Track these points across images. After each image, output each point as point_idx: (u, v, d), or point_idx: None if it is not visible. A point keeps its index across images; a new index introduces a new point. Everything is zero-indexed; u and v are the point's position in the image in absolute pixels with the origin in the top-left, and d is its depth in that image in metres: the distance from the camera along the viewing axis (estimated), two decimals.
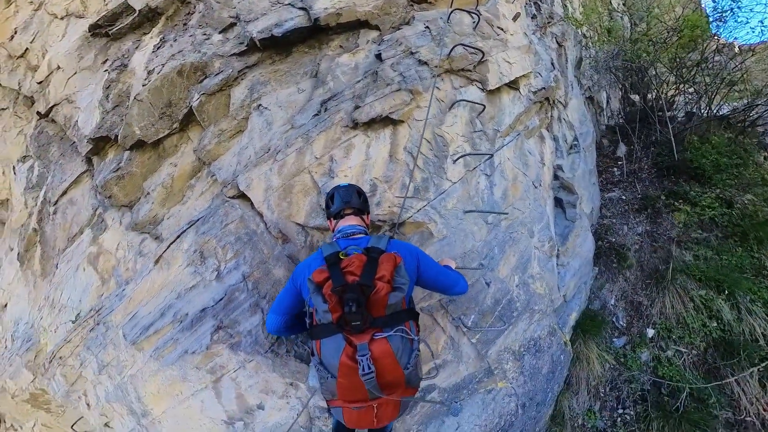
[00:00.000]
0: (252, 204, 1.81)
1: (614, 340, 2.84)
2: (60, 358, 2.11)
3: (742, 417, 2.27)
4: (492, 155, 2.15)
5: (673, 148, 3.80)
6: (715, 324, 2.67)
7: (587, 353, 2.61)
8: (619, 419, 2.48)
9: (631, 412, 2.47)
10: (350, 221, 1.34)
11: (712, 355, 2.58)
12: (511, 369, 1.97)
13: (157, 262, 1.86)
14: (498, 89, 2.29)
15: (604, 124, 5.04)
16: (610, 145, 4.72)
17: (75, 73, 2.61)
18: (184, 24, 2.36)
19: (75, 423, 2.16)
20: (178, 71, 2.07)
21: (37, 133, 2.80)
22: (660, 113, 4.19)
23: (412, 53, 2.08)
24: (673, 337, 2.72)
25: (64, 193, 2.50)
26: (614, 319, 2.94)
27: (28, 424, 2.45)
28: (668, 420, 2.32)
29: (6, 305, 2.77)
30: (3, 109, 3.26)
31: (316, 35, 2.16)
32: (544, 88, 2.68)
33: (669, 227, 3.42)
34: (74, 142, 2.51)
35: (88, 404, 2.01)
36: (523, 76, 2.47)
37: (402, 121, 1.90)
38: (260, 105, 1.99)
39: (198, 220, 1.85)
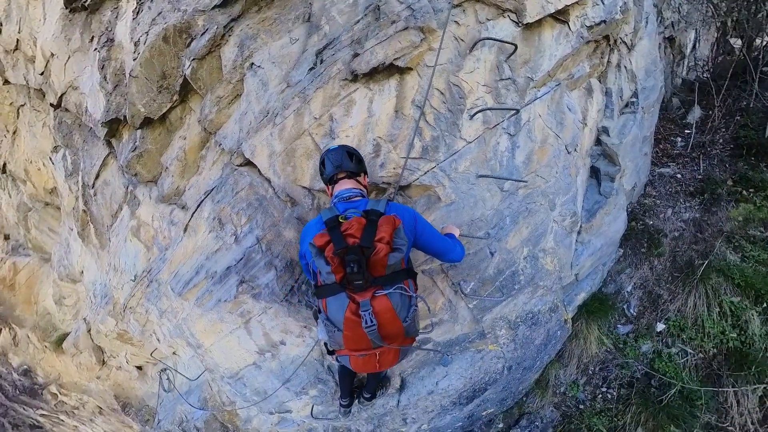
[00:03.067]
0: (259, 170, 1.49)
1: (619, 326, 2.26)
2: (131, 308, 2.01)
3: (725, 425, 1.84)
4: (518, 111, 1.46)
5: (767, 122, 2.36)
6: (735, 335, 2.00)
7: (587, 333, 2.15)
8: (600, 396, 2.10)
9: (614, 393, 2.08)
10: (345, 185, 1.12)
11: (719, 362, 2.00)
12: (504, 336, 1.70)
13: (185, 230, 1.62)
14: (539, 23, 1.46)
15: (680, 76, 3.09)
16: (680, 107, 2.96)
17: (69, 57, 2.03)
18: None
19: (153, 352, 2.15)
20: (164, 38, 1.54)
21: (58, 124, 2.32)
22: (767, 69, 2.55)
23: None
24: (683, 337, 2.09)
25: (97, 176, 2.15)
26: (625, 306, 2.29)
27: (121, 354, 2.49)
28: (647, 408, 1.94)
29: (82, 272, 2.62)
30: (21, 105, 2.68)
31: None
32: (604, 21, 1.63)
33: (724, 219, 2.37)
34: (91, 128, 2.07)
35: (158, 339, 1.97)
36: (577, 3, 1.53)
37: (410, 69, 1.32)
38: (253, 63, 1.47)
39: (212, 189, 1.55)
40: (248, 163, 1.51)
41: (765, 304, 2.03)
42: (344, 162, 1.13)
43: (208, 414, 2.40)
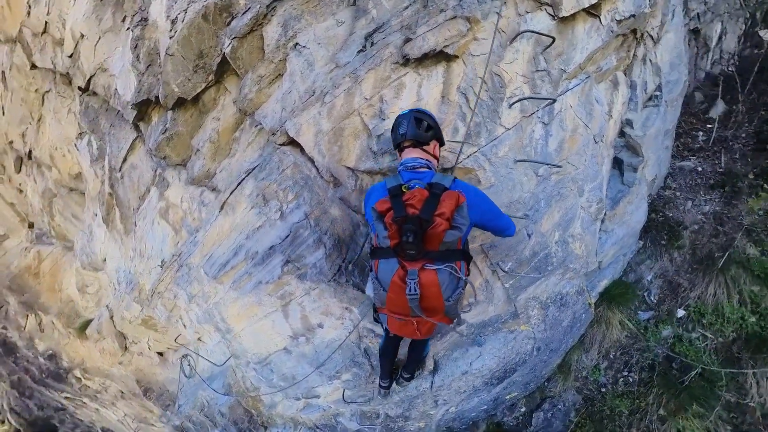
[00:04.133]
0: (302, 150, 1.33)
1: (640, 312, 2.15)
2: (158, 293, 1.82)
3: (745, 402, 1.77)
4: (554, 101, 1.42)
5: None
6: (754, 319, 1.92)
7: (609, 317, 2.04)
8: (621, 380, 2.00)
9: (635, 377, 1.98)
10: (411, 153, 1.02)
11: (739, 346, 1.91)
12: (535, 316, 1.65)
13: (222, 208, 1.44)
14: (572, 16, 1.41)
15: (704, 70, 2.76)
16: (703, 101, 2.71)
17: (99, 38, 1.84)
18: None
19: (177, 337, 1.97)
20: (203, 15, 1.37)
21: (84, 109, 2.11)
22: None
23: None
24: (704, 322, 2.00)
25: (125, 160, 1.95)
26: (645, 294, 2.19)
27: (143, 340, 2.30)
28: (669, 389, 1.86)
29: (105, 259, 2.41)
30: (47, 91, 2.45)
31: None
32: (633, 15, 1.57)
33: (744, 213, 2.23)
34: (119, 111, 1.88)
35: (184, 325, 1.79)
36: None
37: (456, 57, 1.28)
38: (297, 44, 1.34)
39: (254, 168, 1.38)
40: (290, 142, 1.35)
41: None
42: (409, 129, 1.00)
43: (233, 400, 2.21)
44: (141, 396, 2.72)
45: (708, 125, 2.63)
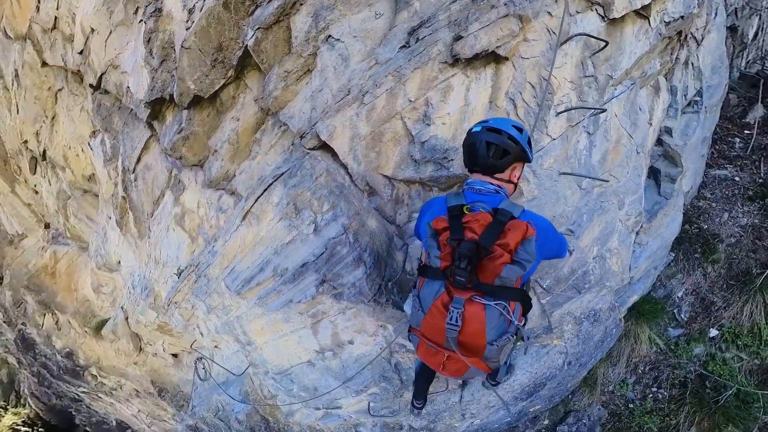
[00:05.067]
0: (333, 155, 1.12)
1: (669, 329, 1.95)
2: (175, 302, 1.61)
3: None
4: (604, 110, 1.24)
5: None
6: None
7: (637, 332, 1.87)
8: (650, 396, 1.83)
9: (666, 393, 1.81)
10: (480, 177, 0.83)
11: None
12: (569, 331, 1.49)
13: (244, 218, 1.23)
14: (622, 18, 1.22)
15: (739, 69, 2.42)
16: (738, 104, 2.40)
17: (110, 32, 1.60)
18: None
19: (192, 343, 1.78)
20: (224, 4, 1.15)
21: (97, 107, 1.88)
22: None
23: None
24: (739, 343, 1.81)
25: (138, 160, 1.72)
26: (676, 311, 1.98)
27: (158, 342, 2.12)
28: (702, 408, 1.69)
29: (120, 261, 2.20)
30: (59, 89, 2.20)
31: None
32: (682, 17, 1.37)
33: None
34: (132, 110, 1.65)
35: (201, 333, 1.60)
36: None
37: (506, 59, 1.08)
38: (330, 36, 1.11)
39: (284, 173, 1.16)
40: (321, 146, 1.13)
41: None
42: (479, 158, 0.80)
43: (250, 407, 2.03)
44: (155, 395, 2.55)
45: (746, 131, 2.33)
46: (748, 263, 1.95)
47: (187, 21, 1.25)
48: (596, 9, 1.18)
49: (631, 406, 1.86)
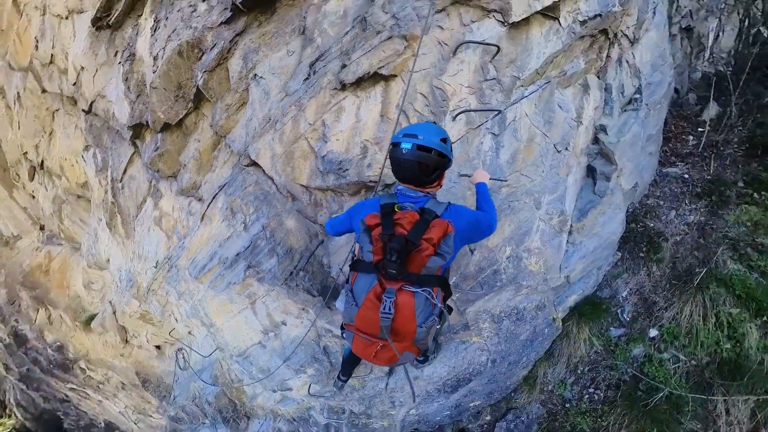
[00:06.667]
0: (263, 170, 1.80)
1: (612, 329, 2.26)
2: (153, 290, 2.42)
3: (711, 430, 1.84)
4: (500, 112, 1.53)
5: None
6: (730, 345, 1.99)
7: (577, 334, 2.20)
8: (587, 396, 2.14)
9: (601, 394, 2.11)
10: (409, 187, 1.11)
11: (711, 371, 1.98)
12: (487, 329, 1.83)
13: (202, 219, 1.97)
14: (526, 20, 1.51)
15: (700, 69, 2.94)
16: (697, 103, 2.86)
17: (96, 70, 2.45)
18: None
19: (171, 331, 2.56)
20: (178, 53, 1.88)
21: (89, 126, 2.76)
22: None
23: None
24: (676, 344, 2.08)
25: (124, 171, 2.57)
26: (619, 311, 2.29)
27: (142, 333, 2.93)
28: (632, 410, 1.95)
29: (109, 259, 3.08)
30: (56, 110, 3.17)
31: None
32: (599, 15, 1.64)
33: (732, 224, 2.26)
34: (118, 131, 2.47)
35: (176, 319, 2.37)
36: None
37: (395, 76, 1.46)
38: (256, 75, 1.73)
39: (225, 184, 1.89)
40: (254, 163, 1.82)
41: (766, 318, 1.97)
42: (410, 176, 1.05)
43: (218, 390, 2.80)
44: (140, 387, 3.39)
45: (699, 129, 2.70)
46: (692, 262, 2.24)
47: (153, 65, 2.00)
48: (494, 16, 1.48)
49: (567, 405, 2.18)
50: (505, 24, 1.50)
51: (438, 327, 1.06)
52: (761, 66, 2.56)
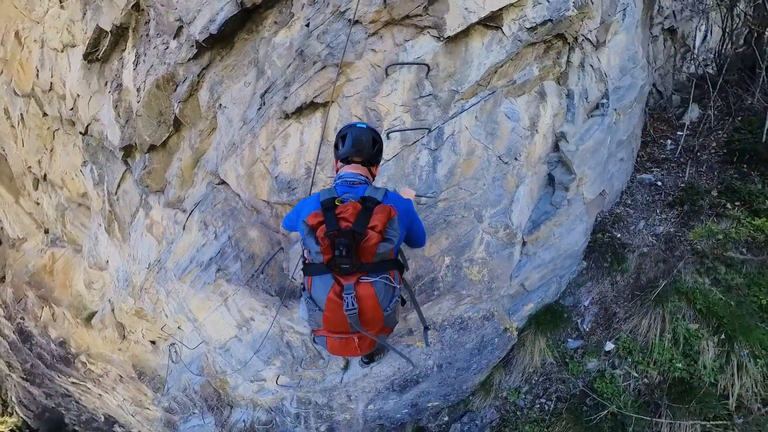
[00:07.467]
0: (231, 188, 2.36)
1: (570, 340, 2.37)
2: (145, 289, 3.08)
3: None
4: (430, 130, 1.63)
5: (766, 123, 2.19)
6: (682, 364, 2.02)
7: (533, 344, 2.36)
8: (537, 405, 2.30)
9: (551, 405, 2.26)
10: (354, 169, 1.24)
11: (661, 391, 2.02)
12: (430, 336, 2.01)
13: (184, 228, 2.58)
14: (465, 33, 1.59)
15: (685, 72, 3.01)
16: (680, 106, 2.90)
17: (90, 97, 3.09)
18: (147, 35, 2.34)
19: (163, 327, 3.21)
20: (157, 86, 2.45)
21: (85, 145, 3.45)
22: None
23: (341, 13, 1.63)
24: (630, 360, 2.14)
25: (118, 186, 3.23)
26: (579, 321, 2.39)
27: (138, 329, 3.63)
28: (575, 424, 2.09)
29: (108, 261, 3.78)
30: (56, 129, 3.90)
31: (252, 17, 1.90)
32: (550, 20, 1.69)
33: (702, 235, 2.27)
34: (111, 150, 3.11)
35: (166, 315, 3.03)
36: (511, 5, 1.61)
37: (332, 101, 1.70)
38: (221, 104, 2.21)
39: (200, 201, 2.50)
40: (224, 182, 2.38)
41: (723, 335, 2.00)
42: (365, 149, 1.21)
43: (204, 380, 3.45)
44: (136, 379, 4.12)
45: (679, 132, 2.70)
46: (656, 273, 2.28)
47: (137, 96, 2.61)
48: (428, 32, 1.55)
49: (519, 413, 2.35)
50: (441, 39, 1.61)
51: (401, 306, 1.17)
52: (744, 67, 2.56)
